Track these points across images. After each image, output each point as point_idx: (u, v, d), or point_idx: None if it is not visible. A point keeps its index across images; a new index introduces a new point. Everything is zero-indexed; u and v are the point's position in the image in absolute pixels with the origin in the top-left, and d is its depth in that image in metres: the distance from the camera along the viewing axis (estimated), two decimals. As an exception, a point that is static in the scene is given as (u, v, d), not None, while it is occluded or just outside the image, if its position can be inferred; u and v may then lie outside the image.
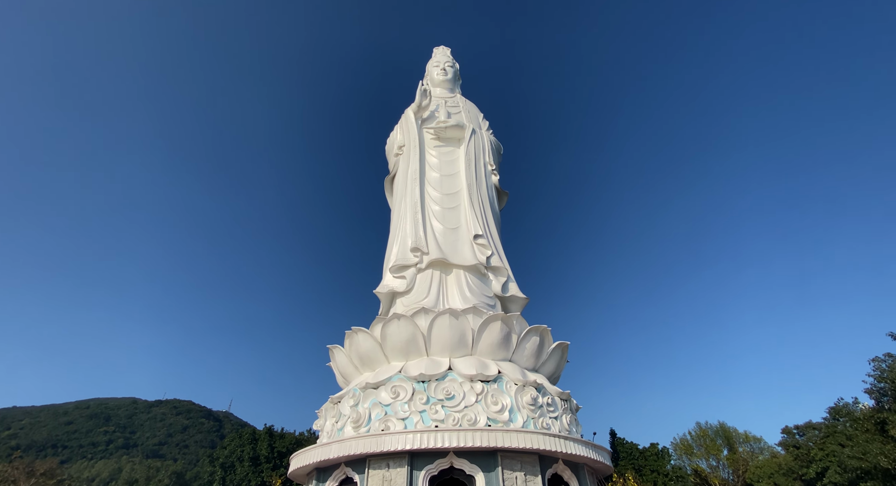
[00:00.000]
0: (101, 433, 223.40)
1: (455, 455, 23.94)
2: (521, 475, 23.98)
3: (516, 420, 25.65)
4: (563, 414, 28.85)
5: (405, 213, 43.14)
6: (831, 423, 38.60)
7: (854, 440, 27.86)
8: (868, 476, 27.26)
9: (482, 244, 39.63)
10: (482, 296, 36.08)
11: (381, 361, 30.07)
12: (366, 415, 26.55)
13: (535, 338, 31.22)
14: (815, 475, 40.20)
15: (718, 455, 68.56)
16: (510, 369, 28.48)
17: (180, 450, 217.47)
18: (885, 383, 26.25)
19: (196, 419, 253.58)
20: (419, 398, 25.98)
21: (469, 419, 24.86)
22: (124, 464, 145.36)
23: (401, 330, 29.21)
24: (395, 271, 38.10)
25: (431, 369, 27.05)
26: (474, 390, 26.24)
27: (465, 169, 47.27)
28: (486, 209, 44.39)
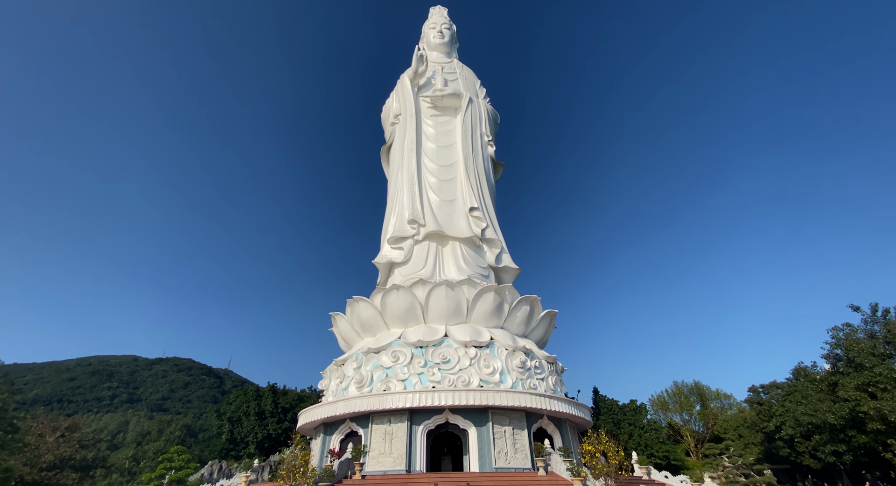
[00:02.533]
0: (105, 389, 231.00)
1: (450, 412, 26.52)
2: (510, 429, 26.77)
3: (506, 381, 28.15)
4: (549, 376, 31.49)
5: (402, 184, 43.69)
6: (793, 383, 42.21)
7: (808, 399, 31.11)
8: (818, 430, 30.78)
9: (477, 217, 40.72)
10: (477, 267, 37.72)
11: (381, 327, 32.07)
12: (368, 377, 28.86)
13: (526, 307, 33.31)
14: (773, 429, 44.67)
15: (691, 410, 74.22)
16: (502, 335, 30.69)
17: (184, 405, 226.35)
18: (840, 350, 28.96)
19: (197, 376, 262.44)
20: (417, 362, 28.23)
21: (463, 381, 27.28)
22: (130, 417, 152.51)
23: (400, 300, 30.99)
24: (392, 242, 39.32)
25: (429, 336, 29.13)
26: (468, 354, 28.50)
27: (462, 140, 47.36)
28: (482, 181, 45.06)
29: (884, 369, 24.20)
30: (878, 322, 27.89)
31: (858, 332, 28.36)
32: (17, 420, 28.92)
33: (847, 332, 28.67)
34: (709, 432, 64.06)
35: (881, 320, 27.80)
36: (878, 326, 27.91)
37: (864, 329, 28.38)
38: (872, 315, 28.25)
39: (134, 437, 64.22)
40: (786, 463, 51.74)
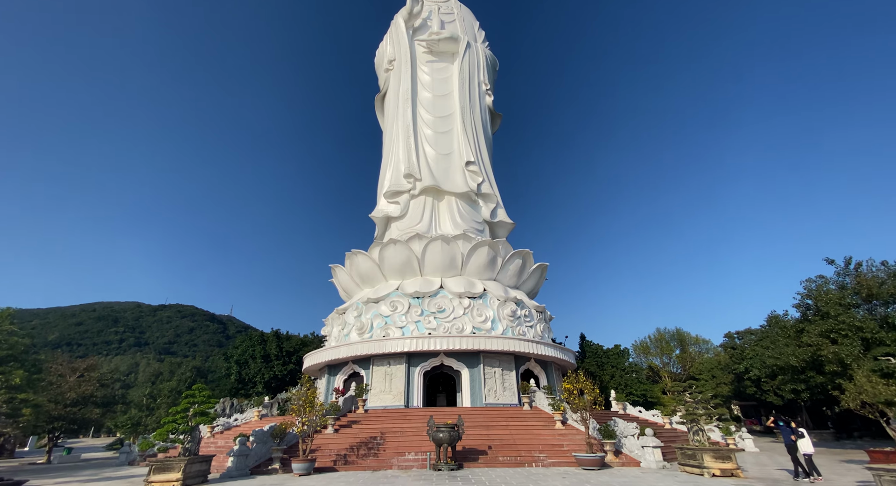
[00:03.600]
0: (112, 333, 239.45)
1: (445, 356, 28.65)
2: (499, 371, 29.15)
3: (497, 329, 30.09)
4: (537, 323, 33.54)
5: (397, 136, 42.86)
6: (765, 330, 45.05)
7: (776, 344, 33.65)
8: (781, 372, 33.68)
9: (473, 171, 40.59)
10: (472, 221, 38.39)
11: (379, 279, 33.39)
12: (368, 324, 30.66)
13: (518, 261, 34.55)
14: (743, 370, 48.50)
15: (670, 354, 79.34)
16: (494, 287, 32.19)
17: (190, 349, 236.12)
18: (811, 300, 30.89)
19: (201, 322, 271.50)
20: (415, 311, 29.90)
21: (457, 328, 29.15)
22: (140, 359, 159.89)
23: (397, 254, 31.99)
24: (389, 196, 39.46)
25: (425, 288, 30.56)
26: (462, 304, 30.14)
27: (459, 89, 45.73)
28: (479, 134, 44.27)
29: (847, 317, 26.08)
30: (850, 275, 29.49)
31: (830, 284, 30.03)
32: (39, 362, 30.90)
33: (819, 283, 30.36)
34: (686, 373, 69.22)
35: (853, 273, 29.38)
36: (850, 278, 29.54)
37: (835, 281, 30.03)
38: (845, 268, 29.77)
39: (147, 377, 68.20)
40: (752, 400, 56.88)
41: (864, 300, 28.75)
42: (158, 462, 13.54)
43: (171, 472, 13.50)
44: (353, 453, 18.47)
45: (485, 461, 17.78)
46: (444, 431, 16.46)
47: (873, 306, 29.07)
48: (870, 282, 27.34)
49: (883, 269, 27.95)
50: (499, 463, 17.53)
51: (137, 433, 47.52)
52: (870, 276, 28.47)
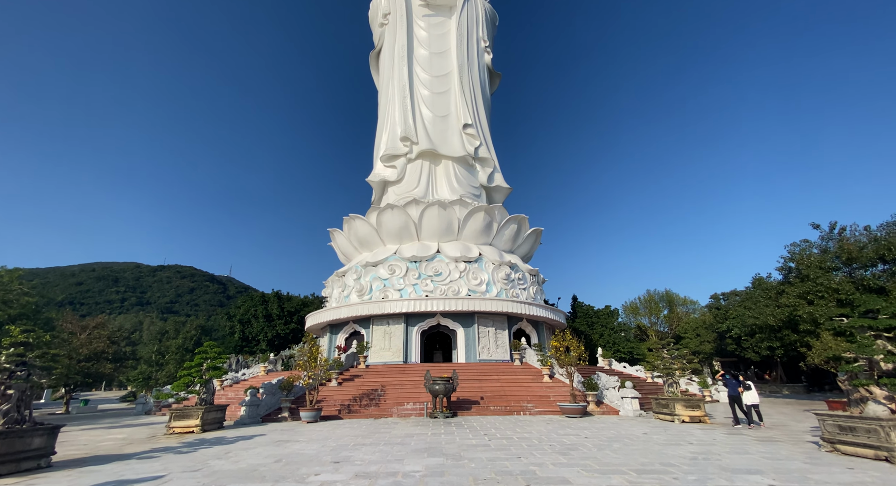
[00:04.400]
0: (113, 293, 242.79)
1: (441, 316, 29.99)
2: (493, 330, 30.67)
3: (491, 291, 31.29)
4: (530, 286, 34.78)
5: (393, 97, 41.79)
6: (749, 291, 46.88)
7: (757, 304, 35.33)
8: (759, 330, 35.63)
9: (471, 134, 40.06)
10: (469, 186, 38.48)
11: (377, 243, 34.06)
12: (368, 286, 31.71)
13: (514, 226, 35.15)
14: (725, 329, 50.93)
15: (658, 314, 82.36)
16: (489, 251, 33.03)
17: (192, 308, 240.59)
18: (793, 263, 32.10)
19: (201, 283, 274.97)
20: (412, 274, 30.87)
21: (453, 291, 30.28)
22: (143, 318, 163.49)
23: (395, 219, 32.42)
24: (385, 160, 39.17)
25: (422, 252, 31.33)
26: (458, 268, 31.08)
27: (457, 46, 44.00)
28: (477, 95, 43.20)
29: (825, 280, 27.34)
30: (833, 239, 30.46)
31: (814, 248, 31.07)
32: (51, 320, 32.11)
33: (802, 248, 31.40)
34: (672, 332, 72.40)
35: (836, 238, 30.34)
36: (833, 242, 30.54)
37: (819, 245, 31.05)
38: (829, 233, 30.69)
39: (153, 335, 70.42)
40: (733, 357, 60.24)
41: (845, 264, 29.90)
42: (179, 410, 14.81)
43: (191, 419, 14.80)
44: (356, 403, 20.00)
45: (477, 410, 19.37)
46: (440, 383, 17.83)
47: (853, 269, 30.28)
48: (850, 246, 28.32)
49: (865, 233, 28.84)
50: (490, 412, 19.13)
51: (149, 387, 50.08)
52: (852, 240, 29.44)
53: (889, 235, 26.45)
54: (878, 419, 8.63)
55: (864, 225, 29.18)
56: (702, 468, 8.03)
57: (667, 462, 8.52)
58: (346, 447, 10.90)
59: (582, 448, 10.22)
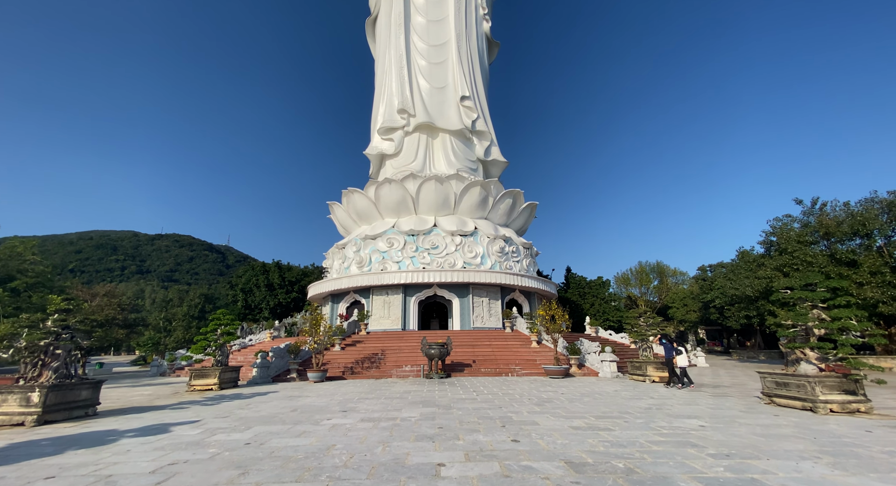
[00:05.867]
0: (113, 261, 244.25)
1: (438, 287, 31.51)
2: (486, 300, 32.32)
3: (486, 263, 32.66)
4: (524, 258, 36.16)
5: (390, 67, 41.33)
6: (734, 263, 48.70)
7: (738, 276, 37.11)
8: (738, 301, 37.59)
9: (468, 107, 40.05)
10: (465, 160, 38.97)
11: (376, 217, 35.01)
12: (367, 258, 32.99)
13: (509, 200, 36.04)
14: (710, 299, 53.22)
15: (648, 285, 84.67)
16: (485, 225, 34.12)
17: (192, 277, 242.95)
18: (774, 237, 33.47)
19: (200, 252, 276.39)
20: (410, 247, 32.08)
21: (449, 263, 31.63)
22: (145, 286, 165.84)
23: (392, 193, 33.20)
24: (382, 132, 39.34)
25: (420, 226, 32.39)
26: (454, 242, 32.27)
27: (455, 13, 43.03)
28: (475, 65, 42.75)
29: (801, 253, 28.80)
30: (814, 214, 31.69)
31: (795, 222, 32.35)
32: (64, 288, 33.51)
33: (784, 222, 32.68)
34: (661, 302, 75.00)
35: (816, 213, 31.55)
36: (813, 217, 31.80)
37: (801, 220, 32.32)
38: (811, 208, 31.88)
39: (160, 303, 72.42)
40: (717, 325, 63.01)
41: (823, 238, 31.28)
42: (198, 370, 16.36)
43: (209, 378, 16.39)
44: (358, 365, 21.74)
45: (469, 372, 21.16)
46: (435, 348, 19.44)
47: (831, 243, 31.70)
48: (829, 222, 29.58)
49: (844, 209, 30.01)
50: (481, 374, 20.91)
51: (159, 351, 52.42)
52: (832, 216, 30.66)
53: (865, 211, 27.62)
54: (806, 376, 10.11)
55: (844, 201, 30.32)
56: (652, 415, 9.55)
57: (624, 411, 10.06)
58: (352, 400, 12.46)
59: (556, 401, 11.80)
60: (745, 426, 8.17)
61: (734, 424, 8.45)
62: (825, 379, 9.91)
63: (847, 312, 9.86)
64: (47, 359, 9.75)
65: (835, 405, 9.66)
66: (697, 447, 6.48)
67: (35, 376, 9.75)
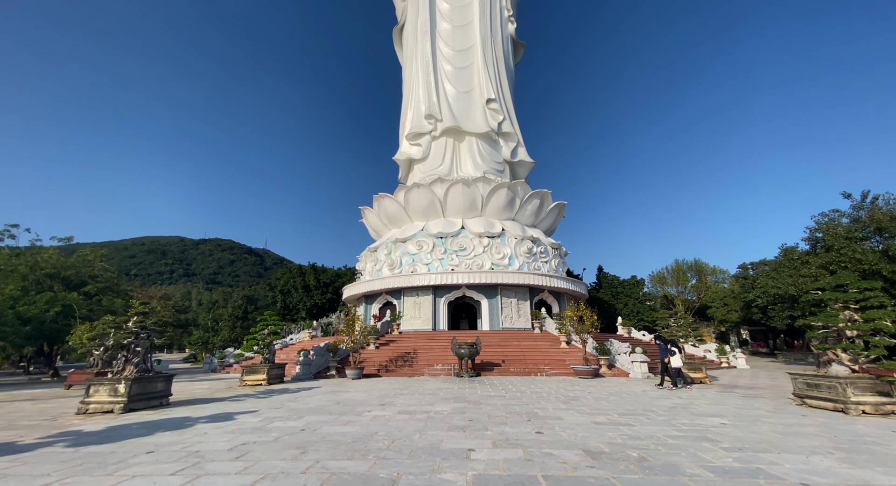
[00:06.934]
0: (162, 265, 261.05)
1: (466, 288, 32.24)
2: (515, 301, 32.72)
3: (514, 265, 33.06)
4: (552, 259, 36.25)
5: (417, 74, 42.45)
6: (778, 260, 46.59)
7: (780, 274, 35.54)
8: (781, 300, 35.94)
9: (494, 109, 40.53)
10: (492, 162, 39.48)
11: (405, 220, 36.19)
12: (398, 261, 34.20)
13: (536, 201, 36.24)
14: (751, 299, 51.10)
15: (686, 284, 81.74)
16: (512, 226, 34.51)
17: (233, 279, 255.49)
18: (820, 233, 31.79)
19: (240, 255, 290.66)
20: (439, 250, 32.99)
21: (477, 265, 32.27)
22: (191, 289, 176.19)
23: (421, 197, 34.25)
24: (410, 138, 40.51)
25: (448, 228, 33.24)
26: (482, 243, 32.89)
27: (480, 17, 43.59)
28: (500, 68, 43.14)
29: (848, 250, 27.35)
30: (865, 208, 29.91)
31: (844, 217, 30.63)
32: (127, 292, 36.79)
33: (831, 218, 31.03)
34: (699, 301, 72.21)
35: (867, 207, 29.78)
36: (864, 212, 30.02)
37: (850, 215, 30.57)
38: (861, 202, 30.10)
39: (206, 304, 77.16)
40: (761, 326, 60.18)
41: (875, 233, 29.52)
42: (248, 366, 17.91)
43: (259, 374, 17.89)
44: (392, 364, 22.83)
45: (499, 371, 21.76)
46: (465, 347, 20.18)
47: (885, 238, 29.84)
48: (881, 216, 27.92)
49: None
50: (510, 373, 21.46)
51: (207, 350, 56.10)
52: (885, 209, 28.88)
53: (922, 204, 25.91)
54: (837, 378, 10.10)
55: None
56: (676, 413, 9.88)
57: (649, 409, 10.42)
58: (388, 395, 13.42)
59: (582, 399, 12.25)
60: (768, 425, 8.39)
61: (757, 422, 8.68)
62: (857, 381, 9.87)
63: (880, 313, 9.77)
64: (130, 355, 11.29)
65: (867, 407, 9.62)
66: (713, 441, 6.88)
67: (120, 370, 11.31)
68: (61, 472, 5.45)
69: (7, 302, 24.18)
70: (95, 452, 6.52)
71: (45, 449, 6.84)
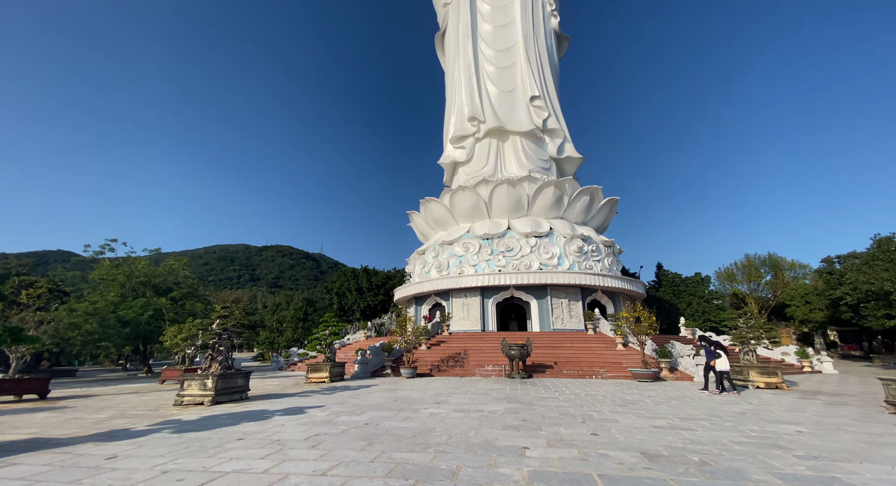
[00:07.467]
0: (231, 271, 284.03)
1: (514, 289, 32.08)
2: (566, 301, 32.02)
3: (563, 264, 32.37)
4: (605, 257, 35.00)
5: (459, 77, 42.93)
6: (871, 253, 41.60)
7: (874, 269, 31.57)
8: (876, 297, 31.91)
9: (538, 106, 39.98)
10: (538, 160, 38.94)
11: (451, 223, 36.75)
12: (445, 263, 34.81)
13: (586, 198, 35.22)
14: (839, 296, 45.97)
15: (759, 281, 75.16)
16: (561, 225, 33.82)
17: (293, 283, 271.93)
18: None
19: (298, 260, 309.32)
20: (485, 251, 33.15)
21: (525, 265, 32.01)
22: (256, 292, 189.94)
23: (466, 199, 34.62)
24: (454, 141, 41.07)
25: (493, 230, 33.30)
26: (529, 243, 32.57)
27: (521, 14, 43.21)
28: (544, 64, 42.47)
29: (960, 242, 23.77)
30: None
31: None
32: (206, 297, 40.88)
33: None
34: (776, 299, 65.91)
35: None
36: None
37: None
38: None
39: (271, 307, 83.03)
40: (852, 326, 53.76)
41: None
42: (313, 365, 19.27)
43: (322, 372, 19.18)
44: (443, 364, 23.37)
45: (551, 373, 21.51)
46: (516, 349, 20.21)
47: None
48: None
49: None
50: (563, 375, 21.14)
51: (273, 349, 60.44)
52: None
53: None
54: (940, 385, 9.02)
55: None
56: (745, 419, 9.35)
57: (714, 414, 9.95)
58: (442, 394, 13.89)
59: (641, 403, 11.92)
60: (851, 434, 7.75)
61: (839, 431, 8.03)
62: (966, 389, 8.76)
63: None
64: (214, 354, 12.73)
65: (980, 419, 8.52)
66: (785, 448, 6.54)
67: (207, 367, 12.78)
68: (172, 454, 6.42)
69: (110, 307, 27.88)
70: (196, 438, 7.55)
71: (155, 435, 8.02)
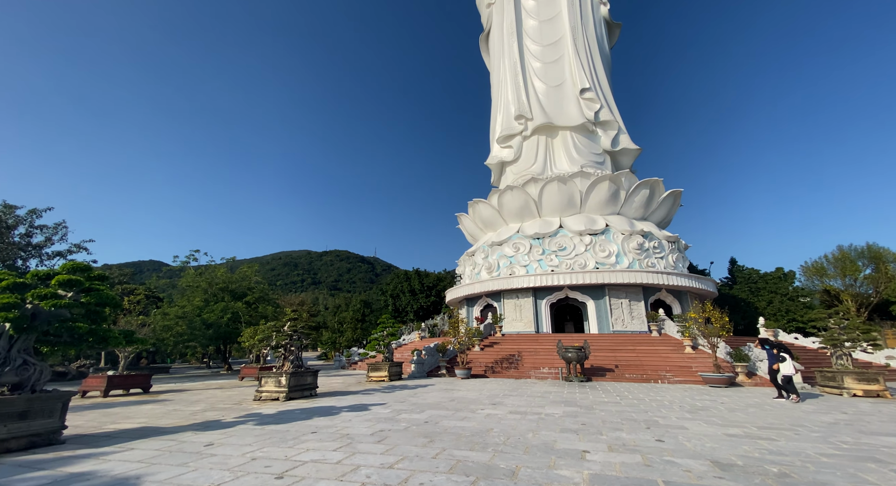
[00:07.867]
0: (295, 276, 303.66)
1: (569, 290, 31.19)
2: (626, 301, 30.55)
3: (622, 262, 30.92)
4: (669, 254, 32.92)
5: (505, 75, 42.62)
6: None
7: None
8: None
9: (589, 98, 38.59)
10: (590, 154, 37.55)
11: (500, 223, 36.56)
12: (496, 264, 34.71)
13: (645, 191, 33.37)
14: (962, 291, 39.42)
15: (855, 275, 66.76)
16: (618, 221, 32.34)
17: (351, 285, 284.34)
18: None
19: (355, 263, 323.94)
20: (536, 251, 32.59)
21: (580, 264, 31.01)
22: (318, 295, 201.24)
23: (514, 199, 34.28)
24: (501, 141, 40.82)
25: (544, 229, 32.63)
26: (583, 242, 31.51)
27: (568, 7, 42.00)
28: (594, 54, 40.91)
29: None
30: None
31: None
32: (275, 300, 44.32)
33: None
34: (878, 296, 57.92)
35: None
36: None
37: None
38: None
39: (332, 309, 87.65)
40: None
41: None
42: (373, 364, 20.22)
43: (381, 371, 20.06)
44: (497, 365, 23.37)
45: (611, 377, 20.69)
46: (572, 351, 19.71)
47: None
48: None
49: None
50: (625, 379, 20.24)
51: (335, 349, 63.80)
52: None
53: None
54: None
55: None
56: (836, 429, 8.46)
57: (798, 424, 9.10)
58: (498, 395, 13.98)
59: (713, 410, 11.18)
60: (974, 453, 6.75)
61: (957, 449, 7.02)
62: None
63: None
64: (287, 354, 13.89)
65: None
66: (882, 462, 5.88)
67: (280, 365, 13.97)
68: (258, 443, 7.19)
69: (195, 311, 31.19)
70: (276, 430, 8.36)
71: (242, 426, 8.98)
